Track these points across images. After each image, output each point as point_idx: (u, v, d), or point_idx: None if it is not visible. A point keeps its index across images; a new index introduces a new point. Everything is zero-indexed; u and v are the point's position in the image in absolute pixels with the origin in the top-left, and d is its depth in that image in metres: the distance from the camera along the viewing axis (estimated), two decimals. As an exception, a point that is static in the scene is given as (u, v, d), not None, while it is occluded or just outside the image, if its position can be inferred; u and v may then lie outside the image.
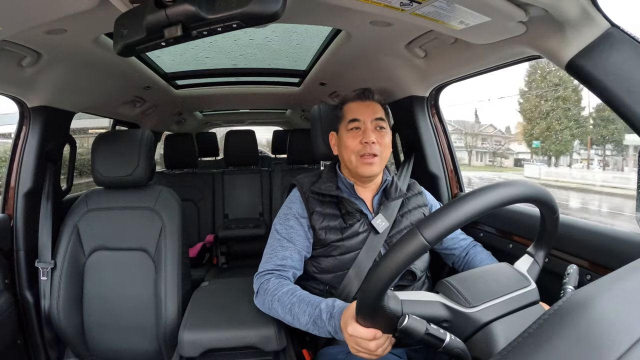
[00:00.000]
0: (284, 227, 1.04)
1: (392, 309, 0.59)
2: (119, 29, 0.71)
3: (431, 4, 0.76)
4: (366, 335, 0.65)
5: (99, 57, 1.22)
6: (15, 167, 1.33)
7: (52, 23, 0.91)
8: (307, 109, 2.74)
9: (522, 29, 0.83)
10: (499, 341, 0.57)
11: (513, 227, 1.16)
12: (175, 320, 1.23)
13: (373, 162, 1.02)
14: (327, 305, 0.82)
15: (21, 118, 1.34)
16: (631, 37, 0.71)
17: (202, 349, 0.94)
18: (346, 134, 1.05)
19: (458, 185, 1.52)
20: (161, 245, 1.30)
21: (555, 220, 0.66)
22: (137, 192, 1.37)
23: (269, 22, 0.66)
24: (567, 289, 0.65)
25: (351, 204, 1.03)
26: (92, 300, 1.31)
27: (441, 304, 0.61)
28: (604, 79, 0.72)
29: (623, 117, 0.72)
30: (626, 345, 0.32)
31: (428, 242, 0.52)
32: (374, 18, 0.99)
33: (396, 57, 1.31)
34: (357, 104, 1.07)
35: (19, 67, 1.13)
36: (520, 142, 26.22)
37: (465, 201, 0.53)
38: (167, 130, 3.10)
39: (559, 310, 0.37)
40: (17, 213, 1.31)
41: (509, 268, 0.69)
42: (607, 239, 0.86)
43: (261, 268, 1.01)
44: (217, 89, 2.23)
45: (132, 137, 1.35)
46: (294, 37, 1.51)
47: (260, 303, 0.97)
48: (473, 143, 29.39)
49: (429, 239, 0.52)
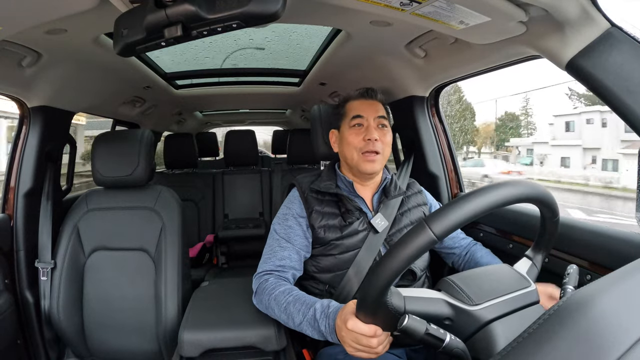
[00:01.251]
0: (282, 227, 1.04)
1: (395, 305, 0.59)
2: (119, 29, 0.71)
3: (431, 4, 0.76)
4: (366, 332, 0.64)
5: (99, 57, 1.22)
6: (15, 167, 1.33)
7: (52, 23, 0.91)
8: (307, 109, 2.74)
9: (522, 29, 0.83)
10: (499, 341, 0.57)
11: (513, 227, 1.16)
12: (175, 320, 1.23)
13: (375, 159, 1.02)
14: (322, 305, 0.81)
15: (21, 118, 1.34)
16: (631, 37, 0.71)
17: (202, 349, 0.94)
18: (349, 131, 1.05)
19: (458, 185, 1.52)
20: (161, 245, 1.30)
21: (555, 223, 0.67)
22: (137, 192, 1.37)
23: (269, 22, 0.66)
24: (567, 289, 0.65)
25: (350, 202, 1.04)
26: (92, 300, 1.31)
27: (444, 301, 0.61)
28: (604, 79, 0.72)
29: (623, 117, 0.72)
30: (626, 345, 0.32)
31: (436, 236, 0.52)
32: (374, 18, 0.99)
33: (396, 57, 1.31)
34: (361, 102, 1.08)
35: (19, 67, 1.13)
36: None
37: (474, 197, 0.54)
38: (167, 130, 3.10)
39: (559, 310, 0.37)
40: (17, 213, 1.31)
41: (509, 269, 0.69)
42: (607, 239, 0.86)
43: (260, 268, 1.00)
44: (217, 89, 2.23)
45: (132, 137, 1.35)
46: (294, 37, 1.51)
47: (258, 302, 0.97)
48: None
49: (437, 233, 0.52)
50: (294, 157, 2.35)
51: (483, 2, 0.73)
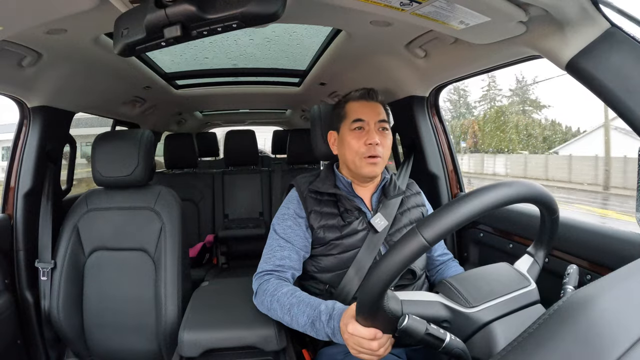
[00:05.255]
0: (282, 228, 1.03)
1: (392, 309, 0.59)
2: (119, 29, 0.71)
3: (431, 4, 0.76)
4: (366, 335, 0.65)
5: (99, 57, 1.22)
6: (15, 167, 1.33)
7: (52, 23, 0.91)
8: (307, 109, 2.74)
9: (522, 29, 0.83)
10: (499, 341, 0.57)
11: (513, 227, 1.16)
12: (175, 320, 1.23)
13: (376, 163, 1.02)
14: (326, 307, 0.81)
15: (21, 118, 1.34)
16: (631, 37, 0.71)
17: (202, 349, 0.94)
18: (349, 134, 1.04)
19: (458, 185, 1.52)
20: (161, 246, 1.30)
21: (555, 220, 0.66)
22: (137, 192, 1.37)
23: (269, 22, 0.66)
24: (567, 289, 0.65)
25: (349, 202, 1.04)
26: (92, 300, 1.31)
27: (441, 304, 0.61)
28: (604, 79, 0.72)
29: (623, 117, 0.72)
30: (626, 345, 0.32)
31: (428, 242, 0.52)
32: (374, 18, 0.99)
33: (396, 57, 1.31)
34: (361, 104, 1.06)
35: (19, 67, 1.13)
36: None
37: (465, 201, 0.53)
38: (167, 130, 3.09)
39: (559, 310, 0.37)
40: (17, 213, 1.31)
41: (509, 268, 0.69)
42: (607, 239, 0.86)
43: (260, 268, 1.00)
44: (217, 89, 2.23)
45: (132, 137, 1.35)
46: (294, 37, 1.50)
47: (259, 303, 0.97)
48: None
49: (428, 239, 0.52)
50: (294, 157, 2.35)
51: (483, 2, 0.73)
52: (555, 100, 27.29)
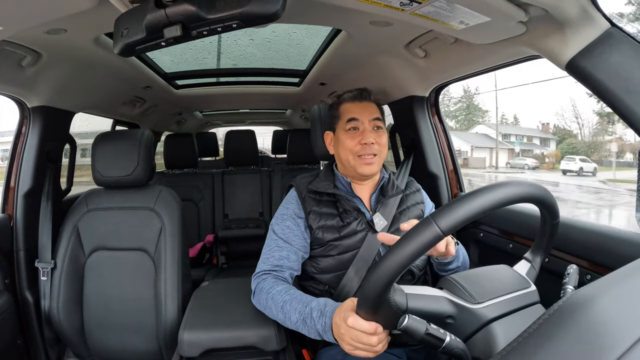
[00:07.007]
0: (280, 228, 1.03)
1: (397, 302, 0.58)
2: (119, 29, 0.71)
3: (431, 4, 0.76)
4: (367, 329, 0.63)
5: (99, 57, 1.22)
6: (15, 167, 1.33)
7: (52, 23, 0.91)
8: (307, 109, 2.74)
9: (522, 29, 0.83)
10: (499, 341, 0.57)
11: (513, 227, 1.16)
12: (175, 320, 1.23)
13: (372, 162, 1.02)
14: (318, 303, 0.80)
15: (21, 118, 1.34)
16: (631, 37, 0.71)
17: (202, 349, 0.94)
18: (344, 134, 1.05)
19: (458, 185, 1.52)
20: (161, 246, 1.30)
21: (555, 225, 0.67)
22: (137, 192, 1.37)
23: (269, 22, 0.66)
24: (567, 289, 0.65)
25: (348, 202, 1.04)
26: (92, 300, 1.31)
27: (446, 299, 0.61)
28: (604, 79, 0.72)
29: (623, 117, 0.72)
30: (626, 345, 0.32)
31: (442, 232, 0.51)
32: (373, 18, 0.99)
33: (396, 57, 1.31)
34: (355, 104, 1.07)
35: (19, 67, 1.13)
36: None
37: (480, 194, 0.53)
38: (167, 130, 3.10)
39: (559, 310, 0.37)
40: (17, 213, 1.31)
41: (510, 269, 0.69)
42: (607, 239, 0.86)
43: (258, 268, 1.00)
44: (217, 89, 2.23)
45: (132, 137, 1.35)
46: (294, 37, 1.50)
47: (257, 302, 0.97)
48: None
49: (443, 228, 0.51)
50: (294, 157, 2.35)
51: (483, 2, 0.73)
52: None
